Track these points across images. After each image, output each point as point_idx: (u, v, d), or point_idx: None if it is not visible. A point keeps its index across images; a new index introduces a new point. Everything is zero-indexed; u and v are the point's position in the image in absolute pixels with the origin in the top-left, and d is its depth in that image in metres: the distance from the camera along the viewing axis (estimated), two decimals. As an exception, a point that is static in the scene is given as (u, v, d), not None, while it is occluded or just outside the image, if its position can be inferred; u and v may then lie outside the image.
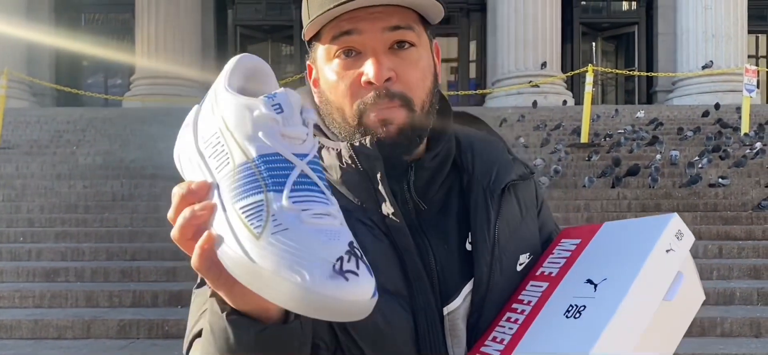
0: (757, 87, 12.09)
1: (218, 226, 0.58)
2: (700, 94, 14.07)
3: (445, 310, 0.85)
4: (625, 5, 18.05)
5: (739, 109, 10.82)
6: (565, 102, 14.13)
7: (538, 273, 0.89)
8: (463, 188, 0.92)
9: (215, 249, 0.58)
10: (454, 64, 18.16)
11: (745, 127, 9.99)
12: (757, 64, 16.22)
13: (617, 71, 16.39)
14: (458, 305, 0.86)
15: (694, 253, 6.57)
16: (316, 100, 0.93)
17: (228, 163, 0.59)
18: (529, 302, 0.83)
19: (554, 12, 14.77)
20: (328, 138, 0.90)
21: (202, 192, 0.60)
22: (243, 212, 0.56)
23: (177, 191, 0.61)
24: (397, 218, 0.85)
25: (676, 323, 0.79)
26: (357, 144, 0.86)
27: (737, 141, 9.55)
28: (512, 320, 0.82)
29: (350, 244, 0.57)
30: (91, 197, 8.07)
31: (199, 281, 0.82)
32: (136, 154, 9.71)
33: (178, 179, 0.65)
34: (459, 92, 16.30)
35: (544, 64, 14.46)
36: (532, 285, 0.87)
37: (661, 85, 16.12)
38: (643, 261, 0.74)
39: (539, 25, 14.55)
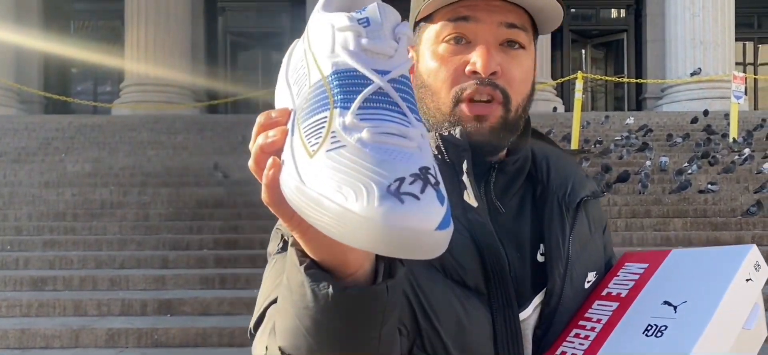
0: (745, 94, 12.21)
1: (285, 151, 0.52)
2: (689, 101, 14.17)
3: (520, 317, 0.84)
4: (614, 13, 18.18)
5: (727, 115, 10.90)
6: (555, 109, 14.19)
7: (604, 293, 0.88)
8: (535, 199, 0.92)
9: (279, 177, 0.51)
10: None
11: (733, 134, 10.07)
12: (744, 71, 16.37)
13: (607, 78, 16.51)
14: (528, 315, 0.85)
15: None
16: None
17: (305, 84, 0.54)
18: (599, 320, 0.83)
19: (544, 19, 14.85)
20: None
21: (282, 119, 0.55)
22: (305, 132, 0.51)
23: (258, 119, 0.56)
24: (480, 213, 0.84)
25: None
26: (446, 134, 0.85)
27: (726, 147, 9.62)
28: (581, 336, 0.82)
29: (423, 169, 0.47)
30: (79, 204, 8.01)
31: (280, 244, 0.77)
32: (126, 161, 9.66)
33: (170, 185, 0.62)
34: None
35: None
36: (599, 304, 0.86)
37: (650, 92, 16.24)
38: (726, 286, 0.75)
39: (529, 32, 14.61)
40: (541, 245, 0.88)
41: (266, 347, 0.67)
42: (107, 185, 8.60)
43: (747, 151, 9.09)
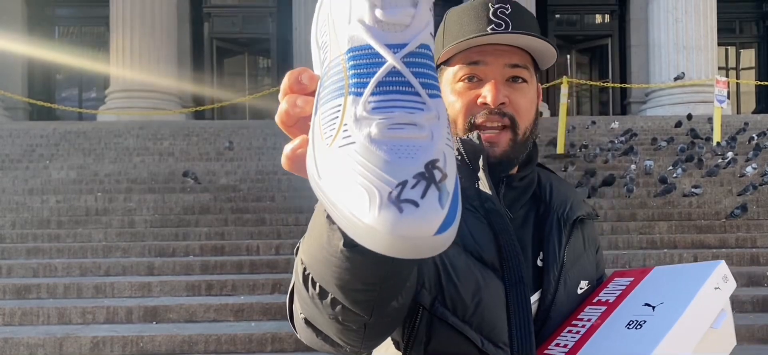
0: (728, 97, 12.33)
1: (311, 129, 0.52)
2: (673, 105, 14.31)
3: None
4: (598, 18, 18.33)
5: (710, 119, 11.03)
6: (541, 113, 14.17)
7: (595, 300, 1.04)
8: (539, 215, 1.08)
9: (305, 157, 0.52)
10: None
11: (716, 137, 10.18)
12: (727, 75, 16.57)
13: (592, 83, 16.63)
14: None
15: (670, 261, 6.65)
16: None
17: (328, 54, 0.53)
18: (590, 319, 0.98)
19: (529, 25, 14.94)
20: None
21: (311, 86, 0.56)
22: (322, 118, 0.50)
23: (288, 76, 0.57)
24: (495, 202, 1.00)
25: None
26: (465, 138, 1.01)
27: (709, 151, 9.72)
28: (574, 331, 0.97)
29: (429, 164, 0.47)
30: (64, 211, 7.94)
31: None
32: (111, 168, 9.59)
33: (156, 191, 0.62)
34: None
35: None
36: (590, 308, 1.02)
37: (634, 97, 16.38)
38: (697, 291, 0.90)
39: (515, 37, 14.69)
40: (541, 253, 1.04)
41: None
42: (92, 192, 8.53)
43: (730, 154, 9.19)
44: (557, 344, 0.95)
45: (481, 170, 1.00)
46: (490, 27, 0.99)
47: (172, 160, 10.06)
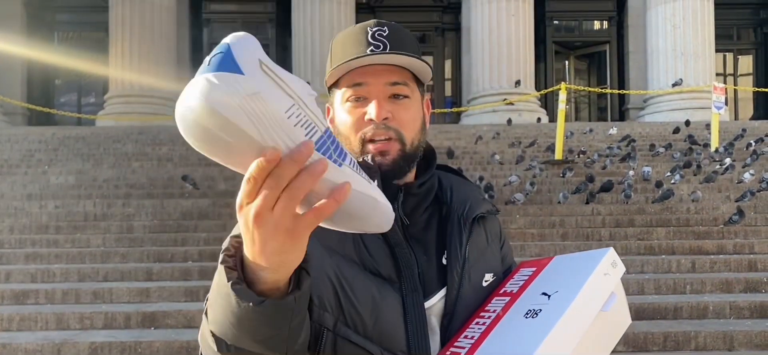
0: (726, 104, 12.38)
1: (343, 176, 0.69)
2: (671, 111, 14.35)
3: (425, 304, 1.07)
4: (596, 24, 18.38)
5: (708, 125, 11.06)
6: (539, 119, 14.30)
7: (501, 291, 1.11)
8: (442, 217, 1.16)
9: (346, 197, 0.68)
10: (430, 83, 18.28)
11: (714, 144, 10.20)
12: (725, 82, 16.62)
13: (590, 89, 16.67)
14: (434, 303, 1.08)
15: (668, 267, 6.64)
16: None
17: (316, 131, 0.67)
18: (495, 310, 1.06)
19: (527, 31, 14.99)
20: None
21: (308, 152, 0.65)
22: (353, 166, 0.71)
23: (291, 156, 0.64)
24: None
25: (607, 337, 1.02)
26: (360, 160, 1.08)
27: (707, 157, 9.74)
28: (480, 323, 1.04)
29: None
30: (62, 217, 7.93)
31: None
32: (110, 173, 9.59)
33: (154, 197, 0.64)
34: (435, 110, 16.40)
35: (518, 82, 14.63)
36: (496, 300, 1.09)
37: (632, 103, 16.41)
38: (586, 278, 0.99)
39: (513, 43, 14.74)
40: (445, 252, 1.12)
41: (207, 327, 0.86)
42: (91, 197, 8.53)
43: (728, 160, 9.21)
44: (465, 337, 1.02)
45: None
46: (369, 49, 1.06)
47: (171, 166, 10.07)
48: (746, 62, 18.52)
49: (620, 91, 15.46)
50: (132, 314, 5.36)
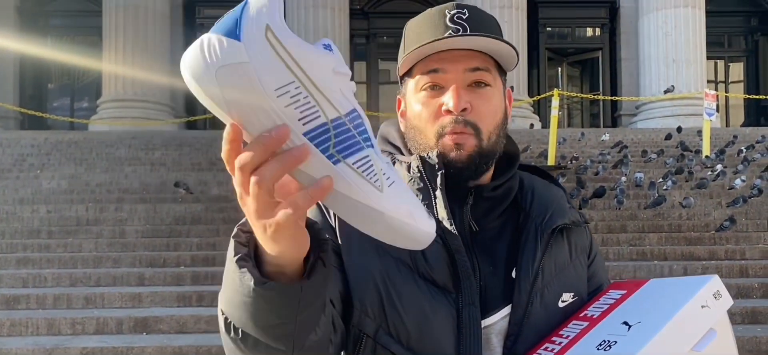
0: (717, 111, 12.45)
1: (339, 179, 0.61)
2: (663, 118, 14.43)
3: (483, 323, 0.95)
4: (589, 31, 18.48)
5: (700, 132, 11.11)
6: (532, 126, 14.34)
7: (581, 315, 0.97)
8: (518, 224, 1.04)
9: (330, 192, 0.60)
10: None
11: (706, 150, 10.26)
12: (716, 89, 16.72)
13: (582, 95, 16.75)
14: (495, 321, 0.96)
15: (660, 273, 6.64)
16: (402, 128, 1.09)
17: (318, 116, 0.59)
18: (568, 337, 0.92)
19: (520, 38, 15.05)
20: (403, 155, 1.08)
21: (284, 136, 0.59)
22: (357, 167, 0.61)
23: (260, 139, 0.58)
24: (449, 223, 0.98)
25: None
26: (425, 156, 1.00)
27: (699, 163, 9.79)
28: (549, 349, 0.91)
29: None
30: (54, 221, 7.90)
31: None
32: (102, 177, 9.55)
33: (147, 201, 0.64)
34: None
35: (511, 89, 14.64)
36: (573, 324, 0.95)
37: (625, 109, 16.50)
38: (677, 310, 0.82)
39: (506, 50, 14.77)
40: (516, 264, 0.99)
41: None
42: (83, 202, 8.49)
43: (719, 167, 9.27)
44: None
45: (438, 190, 0.99)
46: (448, 33, 0.96)
47: (164, 171, 10.04)
48: (737, 69, 18.66)
49: (613, 98, 15.55)
50: (124, 319, 5.34)
